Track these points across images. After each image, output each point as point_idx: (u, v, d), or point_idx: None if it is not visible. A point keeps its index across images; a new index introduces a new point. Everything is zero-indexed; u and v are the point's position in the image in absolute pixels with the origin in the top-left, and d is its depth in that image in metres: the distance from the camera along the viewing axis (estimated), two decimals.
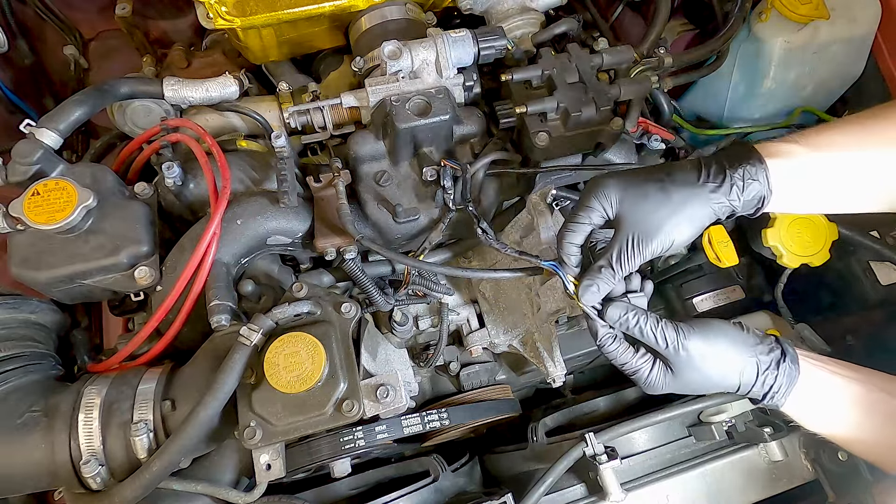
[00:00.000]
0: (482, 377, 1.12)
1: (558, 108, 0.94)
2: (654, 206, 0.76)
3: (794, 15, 1.17)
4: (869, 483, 0.92)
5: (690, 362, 0.79)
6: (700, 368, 0.79)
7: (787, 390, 0.80)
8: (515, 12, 1.15)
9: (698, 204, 0.76)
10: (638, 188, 0.78)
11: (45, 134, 0.90)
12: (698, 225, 0.78)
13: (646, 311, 0.80)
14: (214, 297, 0.84)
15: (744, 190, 0.76)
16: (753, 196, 0.77)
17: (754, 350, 0.81)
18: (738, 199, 0.76)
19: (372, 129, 1.00)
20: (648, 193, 0.77)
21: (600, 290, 0.78)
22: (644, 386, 0.82)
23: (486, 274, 0.98)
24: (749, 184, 0.76)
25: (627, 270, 0.78)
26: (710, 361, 0.79)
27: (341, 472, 0.88)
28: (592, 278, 0.78)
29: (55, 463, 0.78)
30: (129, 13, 1.25)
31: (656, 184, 0.78)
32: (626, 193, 0.78)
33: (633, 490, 0.93)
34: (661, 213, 0.76)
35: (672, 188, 0.77)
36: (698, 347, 0.79)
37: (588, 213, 0.79)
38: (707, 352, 0.79)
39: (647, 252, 0.77)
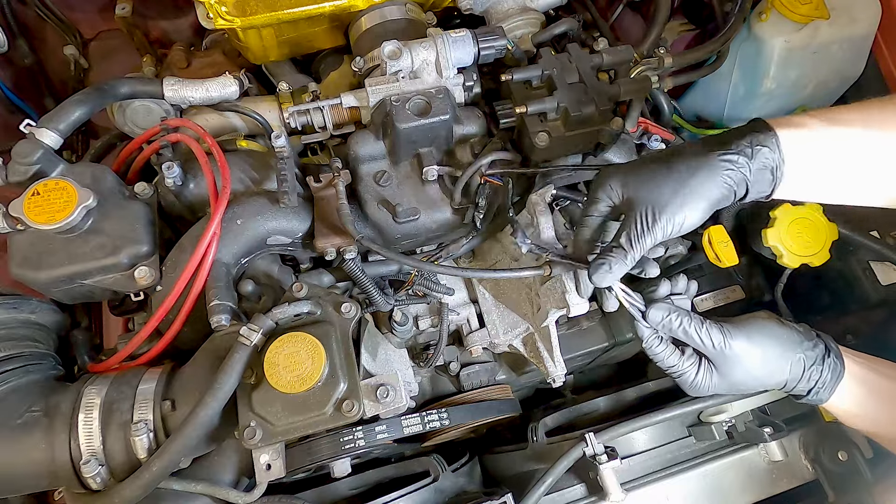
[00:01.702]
0: (482, 377, 1.12)
1: (558, 108, 0.94)
2: (660, 182, 0.74)
3: (794, 15, 1.17)
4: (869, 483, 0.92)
5: (737, 363, 0.78)
6: (747, 368, 0.79)
7: (832, 386, 0.80)
8: (515, 12, 1.15)
9: (706, 175, 0.73)
10: (642, 170, 0.76)
11: (45, 134, 0.90)
12: (708, 199, 0.74)
13: (689, 313, 0.80)
14: (214, 297, 0.84)
15: (753, 157, 0.73)
16: (764, 165, 0.73)
17: (800, 347, 0.80)
18: (748, 168, 0.73)
19: (372, 129, 1.00)
20: (654, 172, 0.75)
21: (612, 270, 0.76)
22: (690, 389, 0.82)
23: (487, 274, 0.98)
24: (758, 150, 0.73)
25: (640, 251, 0.76)
26: (756, 361, 0.79)
27: (341, 472, 0.88)
28: (605, 258, 0.77)
29: (55, 463, 0.78)
30: (129, 13, 1.25)
31: (660, 163, 0.76)
32: (630, 178, 0.76)
33: (633, 490, 0.93)
34: (667, 188, 0.74)
35: (677, 162, 0.75)
36: (744, 347, 0.78)
37: (595, 206, 0.78)
38: (753, 351, 0.79)
39: (658, 230, 0.74)
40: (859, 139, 0.75)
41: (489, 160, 0.95)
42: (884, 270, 1.15)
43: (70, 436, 0.78)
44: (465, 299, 1.12)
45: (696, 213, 0.74)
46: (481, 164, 0.95)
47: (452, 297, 1.08)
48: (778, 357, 0.80)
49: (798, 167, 0.75)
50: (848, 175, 0.78)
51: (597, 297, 0.95)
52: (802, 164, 0.75)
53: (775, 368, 0.80)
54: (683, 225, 0.75)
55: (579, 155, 1.04)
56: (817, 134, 0.75)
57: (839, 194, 0.80)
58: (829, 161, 0.76)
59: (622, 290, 0.82)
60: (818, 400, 0.82)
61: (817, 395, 0.81)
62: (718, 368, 0.80)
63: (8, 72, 1.38)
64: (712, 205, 0.75)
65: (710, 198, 0.74)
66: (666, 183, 0.74)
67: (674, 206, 0.73)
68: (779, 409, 1.02)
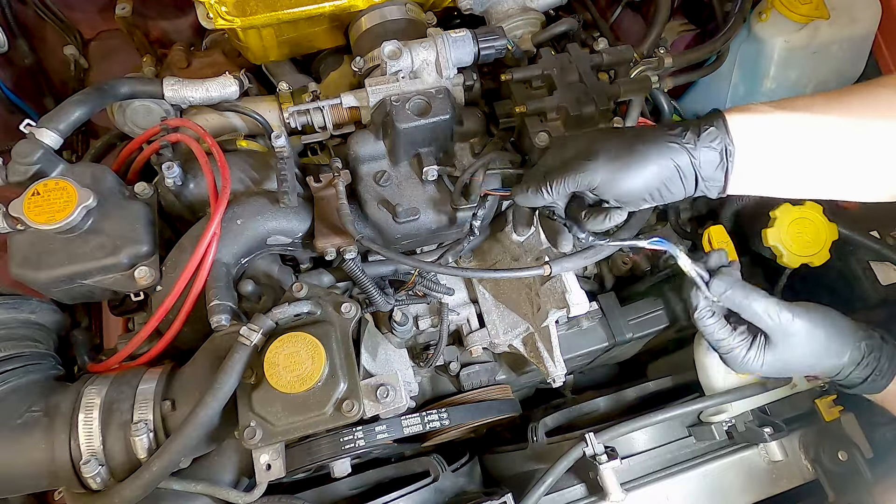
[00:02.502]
0: (482, 377, 1.12)
1: (558, 108, 0.94)
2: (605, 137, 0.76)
3: (794, 15, 1.17)
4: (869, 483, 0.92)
5: (797, 342, 0.77)
6: (806, 348, 0.77)
7: (890, 373, 0.79)
8: (515, 12, 1.15)
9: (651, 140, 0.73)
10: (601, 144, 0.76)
11: (45, 134, 0.90)
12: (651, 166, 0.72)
13: (752, 287, 0.78)
14: (214, 297, 0.84)
15: (699, 135, 0.72)
16: (711, 145, 0.72)
17: (856, 335, 0.79)
18: (694, 146, 0.72)
19: (372, 129, 1.00)
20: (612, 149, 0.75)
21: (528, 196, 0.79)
22: (738, 365, 0.80)
23: (487, 274, 0.98)
24: (705, 130, 0.72)
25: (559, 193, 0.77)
26: (817, 342, 0.78)
27: (341, 472, 0.88)
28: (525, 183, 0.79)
29: (55, 463, 0.78)
30: (129, 13, 1.25)
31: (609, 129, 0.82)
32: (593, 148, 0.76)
33: (633, 490, 0.93)
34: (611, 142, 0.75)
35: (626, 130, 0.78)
36: (807, 327, 0.77)
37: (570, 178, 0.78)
38: (815, 332, 0.77)
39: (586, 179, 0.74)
40: (816, 124, 0.73)
41: (489, 160, 0.95)
42: (884, 270, 1.15)
43: (70, 436, 0.78)
44: (465, 299, 1.12)
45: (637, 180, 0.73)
46: (481, 163, 0.95)
47: (452, 297, 1.08)
48: (839, 341, 0.78)
49: (750, 154, 0.73)
50: (806, 165, 0.75)
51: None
52: (754, 151, 0.73)
53: (835, 351, 0.79)
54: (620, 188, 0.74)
55: None
56: (769, 119, 0.73)
57: (798, 187, 0.77)
58: (784, 148, 0.74)
59: (685, 257, 0.79)
60: (874, 388, 0.80)
61: (875, 384, 0.79)
62: (775, 346, 0.77)
63: (8, 72, 1.37)
64: (656, 177, 0.73)
65: (654, 166, 0.73)
66: (609, 140, 0.75)
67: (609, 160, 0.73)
68: (779, 409, 1.02)
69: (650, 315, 1.18)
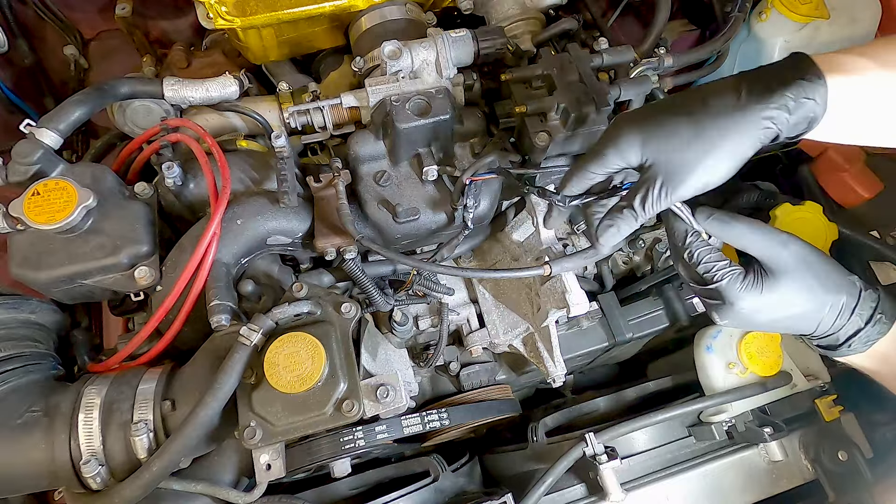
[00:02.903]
0: (482, 377, 1.12)
1: (558, 108, 0.94)
2: (685, 144, 0.66)
3: (794, 15, 1.17)
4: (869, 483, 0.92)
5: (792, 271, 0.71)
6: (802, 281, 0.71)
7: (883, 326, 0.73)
8: (515, 12, 1.15)
9: (738, 136, 0.65)
10: (664, 127, 0.68)
11: (45, 134, 0.90)
12: (739, 159, 0.67)
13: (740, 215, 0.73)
14: (214, 297, 0.84)
15: (794, 112, 0.64)
16: (804, 117, 0.65)
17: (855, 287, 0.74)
18: (786, 122, 0.65)
19: (372, 129, 1.00)
20: (678, 130, 0.67)
21: (620, 231, 0.72)
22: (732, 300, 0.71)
23: (487, 274, 0.98)
24: (802, 104, 0.64)
25: (651, 215, 0.71)
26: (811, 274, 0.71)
27: (341, 472, 0.88)
28: (613, 219, 0.72)
29: (55, 463, 0.78)
30: (129, 13, 1.25)
31: (686, 118, 0.67)
32: (651, 137, 0.68)
33: (633, 490, 0.93)
34: (692, 152, 0.66)
35: (706, 120, 0.66)
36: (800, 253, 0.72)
37: (603, 165, 0.71)
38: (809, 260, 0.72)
39: (676, 197, 0.69)
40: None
41: (489, 160, 0.95)
42: (884, 270, 1.15)
43: (70, 436, 0.78)
44: (465, 299, 1.12)
45: (720, 174, 0.68)
46: (481, 164, 0.95)
47: (452, 297, 1.09)
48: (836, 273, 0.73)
49: (840, 115, 0.67)
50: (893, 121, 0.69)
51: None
52: (845, 113, 0.67)
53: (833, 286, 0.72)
54: (705, 188, 0.69)
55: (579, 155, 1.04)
56: (870, 80, 0.66)
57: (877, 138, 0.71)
58: (877, 109, 0.68)
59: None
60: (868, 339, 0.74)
61: (869, 334, 0.73)
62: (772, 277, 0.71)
63: (8, 72, 1.37)
64: (740, 163, 0.68)
65: (741, 158, 0.67)
66: (692, 146, 0.66)
67: (698, 174, 0.67)
68: (779, 409, 1.02)
69: (650, 315, 1.19)
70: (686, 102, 0.69)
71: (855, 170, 1.19)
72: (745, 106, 0.65)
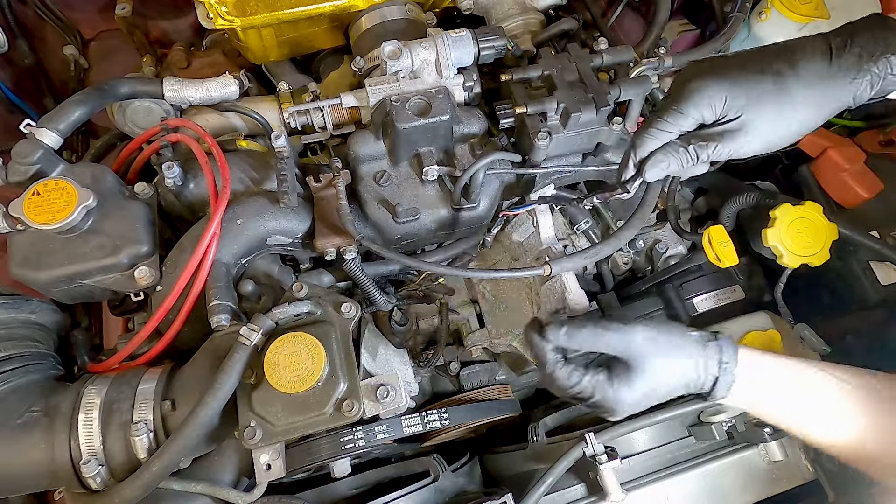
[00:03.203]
0: (482, 377, 1.12)
1: (558, 108, 0.94)
2: (769, 106, 0.66)
3: (794, 15, 1.17)
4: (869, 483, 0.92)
5: (648, 356, 0.73)
6: (656, 360, 0.74)
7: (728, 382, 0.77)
8: (515, 12, 1.15)
9: (821, 103, 0.65)
10: (753, 88, 0.66)
11: (45, 134, 0.90)
12: (811, 126, 0.67)
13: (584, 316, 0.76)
14: (214, 297, 0.84)
15: (879, 85, 0.65)
16: (883, 91, 0.66)
17: (699, 343, 0.77)
18: (867, 95, 0.66)
19: (372, 129, 1.00)
20: (765, 96, 0.66)
21: (670, 168, 0.70)
22: (613, 405, 0.75)
23: (486, 274, 0.98)
24: (889, 79, 0.64)
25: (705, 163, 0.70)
26: (661, 356, 0.74)
27: (341, 472, 0.88)
28: (667, 155, 0.69)
29: (55, 463, 0.78)
30: (129, 13, 1.25)
31: (773, 78, 0.66)
32: (737, 96, 0.66)
33: (633, 490, 0.93)
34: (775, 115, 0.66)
35: (794, 85, 0.65)
36: (650, 337, 0.74)
37: (679, 121, 0.69)
38: (659, 339, 0.75)
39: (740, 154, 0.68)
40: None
41: (489, 160, 0.95)
42: (884, 270, 1.15)
43: (70, 436, 0.78)
44: (465, 299, 1.12)
45: (791, 139, 0.68)
46: (481, 164, 0.95)
47: (452, 297, 1.08)
48: (679, 336, 0.76)
49: None
50: None
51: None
52: None
53: (686, 350, 0.76)
54: (768, 150, 0.69)
55: (579, 155, 1.04)
56: None
57: None
58: None
59: None
60: (716, 396, 0.78)
61: (717, 395, 0.78)
62: (636, 368, 0.74)
63: (8, 72, 1.37)
64: (808, 131, 0.68)
65: (812, 125, 0.67)
66: (778, 112, 0.66)
67: (773, 134, 0.67)
68: None
69: (650, 315, 1.18)
70: (773, 61, 0.67)
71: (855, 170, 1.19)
72: (835, 76, 0.65)
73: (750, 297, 1.22)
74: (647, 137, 0.72)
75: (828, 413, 0.77)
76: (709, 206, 1.26)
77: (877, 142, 1.25)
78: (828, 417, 0.77)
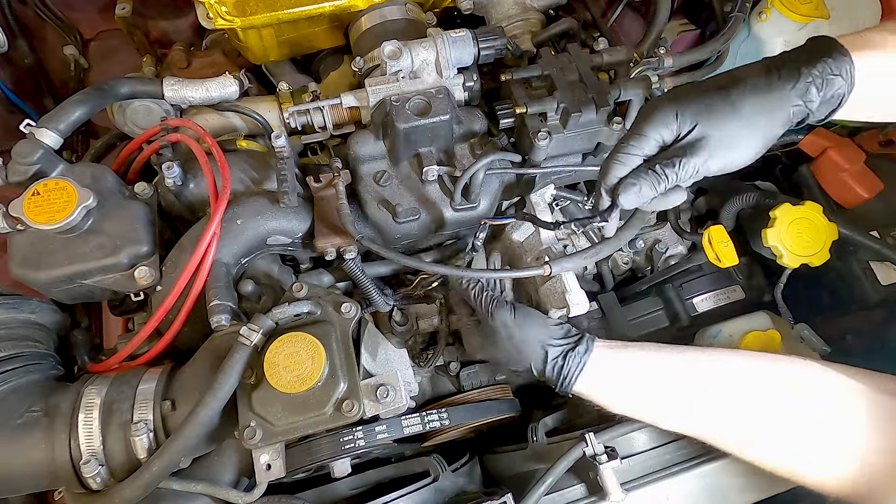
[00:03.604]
0: (482, 377, 1.12)
1: (558, 108, 0.94)
2: (721, 120, 0.69)
3: (794, 15, 1.17)
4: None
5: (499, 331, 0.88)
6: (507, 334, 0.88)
7: (575, 374, 0.86)
8: (515, 12, 1.15)
9: (772, 113, 0.68)
10: (700, 103, 0.70)
11: (45, 134, 0.90)
12: (770, 137, 0.70)
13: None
14: (214, 297, 0.84)
15: (822, 88, 0.67)
16: (833, 95, 0.68)
17: (553, 334, 0.88)
18: (816, 100, 0.68)
19: (372, 129, 1.00)
20: (714, 107, 0.69)
21: (640, 193, 0.72)
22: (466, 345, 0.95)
23: (486, 274, 0.98)
24: (829, 80, 0.67)
25: (674, 184, 0.71)
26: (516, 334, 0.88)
27: (341, 472, 0.88)
28: (637, 179, 0.72)
29: (55, 463, 0.78)
30: (129, 13, 1.25)
31: (721, 95, 0.70)
32: (685, 109, 0.70)
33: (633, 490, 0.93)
34: (727, 128, 0.69)
35: (740, 98, 0.69)
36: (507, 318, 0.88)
37: (641, 143, 0.72)
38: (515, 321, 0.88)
39: (707, 170, 0.70)
40: None
41: (489, 160, 0.95)
42: (884, 270, 1.15)
43: (70, 436, 0.78)
44: None
45: (751, 153, 0.70)
46: (481, 164, 0.95)
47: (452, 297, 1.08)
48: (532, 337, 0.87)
49: (866, 92, 0.70)
50: None
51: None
52: (871, 89, 0.70)
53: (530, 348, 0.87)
54: (733, 166, 0.71)
55: (579, 155, 1.04)
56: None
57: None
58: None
59: None
60: (566, 390, 0.88)
61: (565, 385, 0.87)
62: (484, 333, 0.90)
63: (8, 72, 1.37)
64: (769, 143, 0.71)
65: (770, 135, 0.70)
66: (728, 122, 0.69)
67: (732, 147, 0.69)
68: None
69: (650, 315, 1.19)
70: (718, 82, 0.71)
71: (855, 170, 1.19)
72: (777, 85, 0.68)
73: (750, 297, 1.22)
74: (614, 163, 0.74)
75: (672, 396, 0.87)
76: (709, 206, 1.26)
77: (877, 142, 1.24)
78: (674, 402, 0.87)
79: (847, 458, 0.77)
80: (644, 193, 0.72)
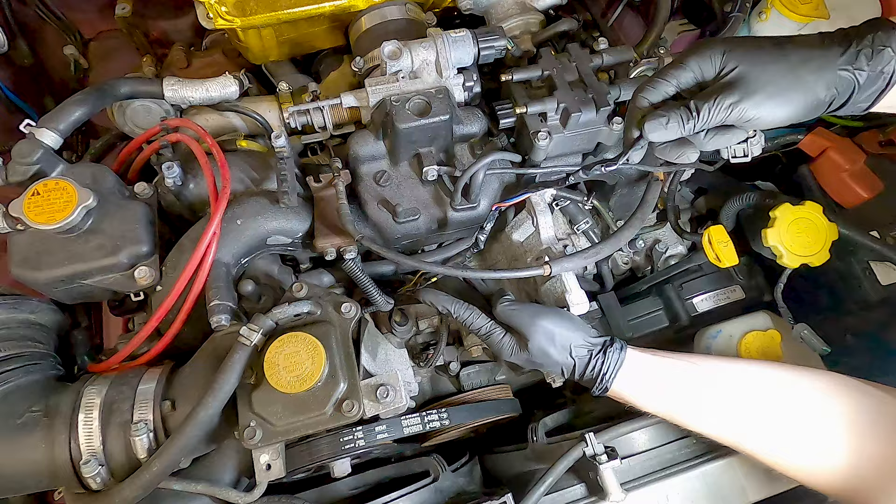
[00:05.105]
0: (482, 377, 1.12)
1: (558, 108, 0.94)
2: (766, 62, 0.68)
3: (794, 15, 1.17)
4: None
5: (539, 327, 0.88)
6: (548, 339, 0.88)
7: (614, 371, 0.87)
8: (515, 12, 1.15)
9: (819, 67, 0.67)
10: (748, 44, 0.70)
11: (45, 134, 0.90)
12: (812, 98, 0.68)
13: None
14: (214, 297, 0.84)
15: (872, 57, 0.67)
16: (881, 70, 0.68)
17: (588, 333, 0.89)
18: (865, 70, 0.67)
19: (372, 129, 1.00)
20: (762, 50, 0.69)
21: (667, 127, 0.70)
22: (497, 351, 0.92)
23: (487, 274, 0.98)
24: (879, 51, 0.67)
25: (707, 124, 0.69)
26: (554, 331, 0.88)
27: (341, 472, 0.88)
28: (668, 112, 0.69)
29: (55, 463, 0.78)
30: (129, 13, 1.25)
31: (771, 41, 0.70)
32: (735, 49, 0.69)
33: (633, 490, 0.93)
34: (772, 71, 0.68)
35: (790, 48, 0.68)
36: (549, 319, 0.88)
37: (679, 72, 0.71)
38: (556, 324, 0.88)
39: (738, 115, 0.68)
40: None
41: (489, 160, 0.95)
42: (884, 270, 1.15)
43: (70, 436, 0.78)
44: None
45: (789, 109, 0.69)
46: (481, 164, 0.95)
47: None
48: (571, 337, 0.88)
49: None
50: None
51: None
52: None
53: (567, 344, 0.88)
54: (767, 119, 0.69)
55: (579, 155, 1.04)
56: None
57: None
58: None
59: None
60: (604, 387, 0.89)
61: (604, 381, 0.88)
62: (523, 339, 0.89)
63: (8, 72, 1.37)
64: (808, 107, 0.69)
65: (812, 97, 0.68)
66: (772, 64, 0.68)
67: (771, 95, 0.67)
68: None
69: (650, 315, 1.18)
70: (770, 38, 0.71)
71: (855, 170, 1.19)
72: (828, 45, 0.69)
73: (750, 297, 1.22)
74: (647, 87, 0.73)
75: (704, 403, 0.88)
76: (709, 206, 1.26)
77: (877, 142, 1.24)
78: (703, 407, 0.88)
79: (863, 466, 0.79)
80: (671, 128, 0.70)
